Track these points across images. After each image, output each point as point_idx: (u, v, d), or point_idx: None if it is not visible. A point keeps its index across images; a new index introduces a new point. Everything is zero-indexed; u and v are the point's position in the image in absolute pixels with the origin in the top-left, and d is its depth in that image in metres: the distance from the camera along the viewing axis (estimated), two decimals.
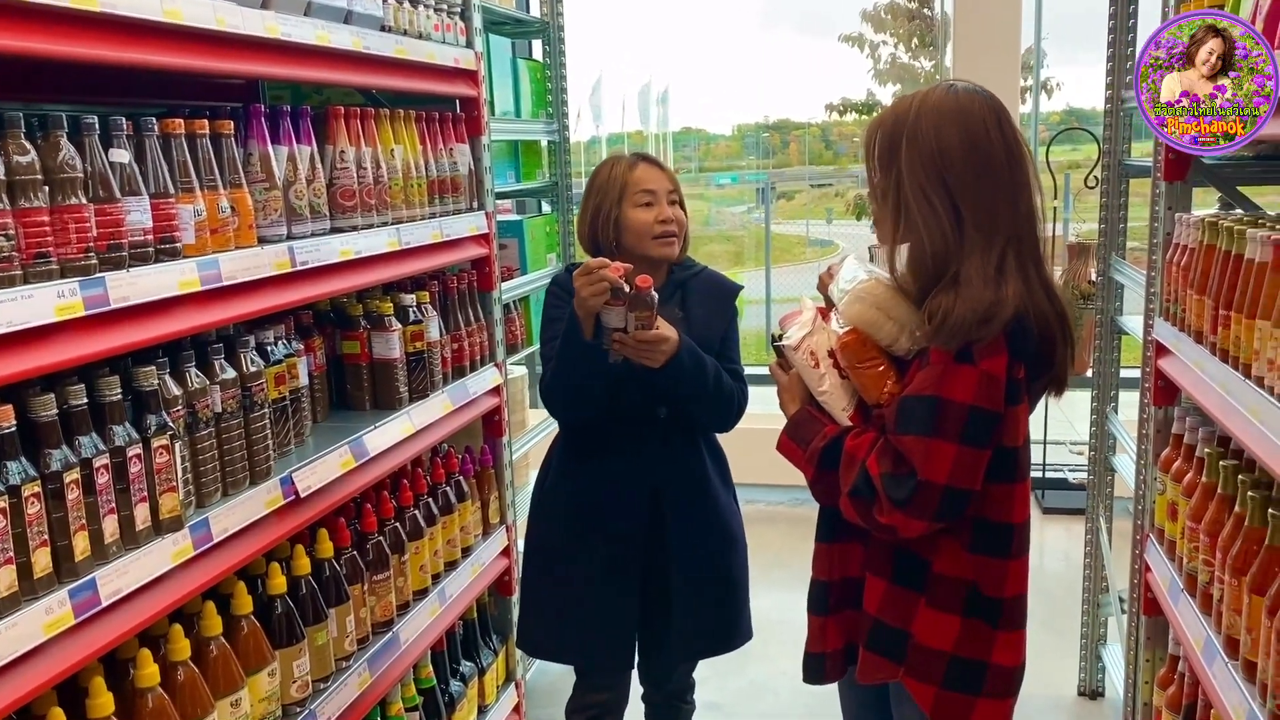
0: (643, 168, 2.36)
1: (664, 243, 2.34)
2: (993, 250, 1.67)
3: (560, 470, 2.49)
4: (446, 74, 2.66)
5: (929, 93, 1.74)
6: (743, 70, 12.60)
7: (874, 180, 1.80)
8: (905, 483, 1.65)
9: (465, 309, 2.76)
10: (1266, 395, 1.74)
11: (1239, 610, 1.92)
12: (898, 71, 11.02)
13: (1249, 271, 1.88)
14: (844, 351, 1.75)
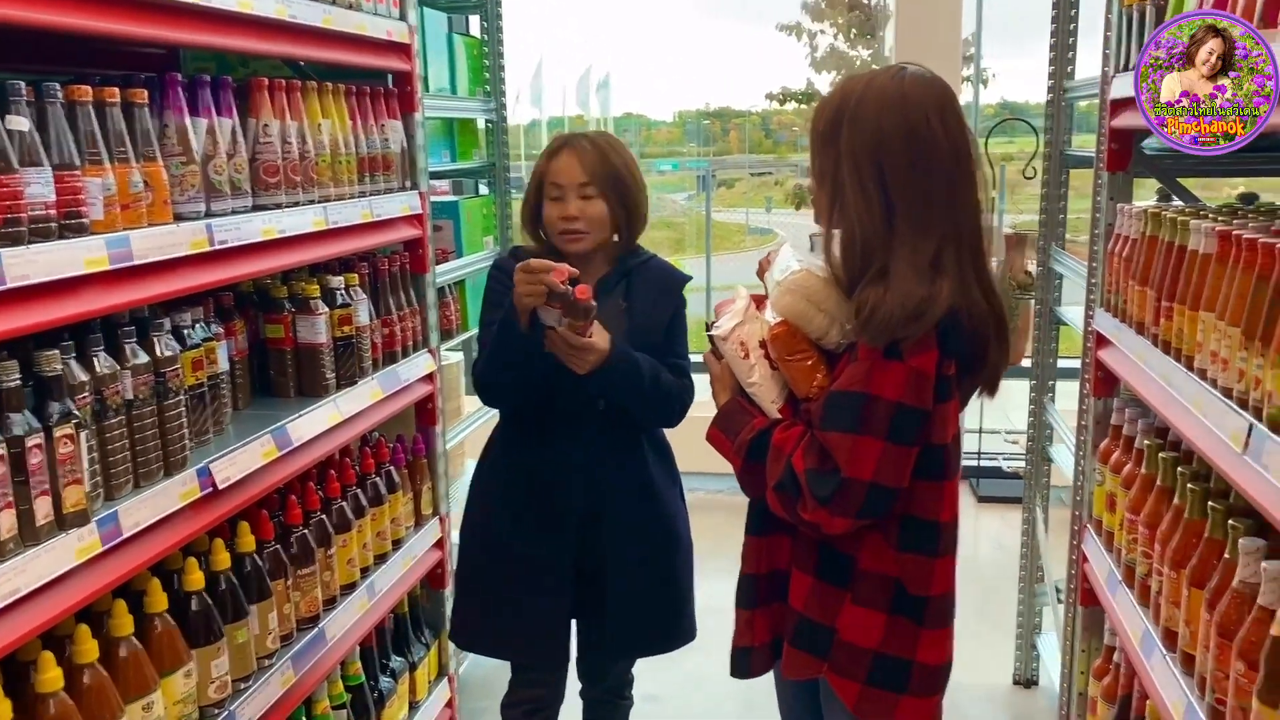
0: (559, 158, 2.28)
1: (568, 239, 2.27)
2: (927, 244, 1.63)
3: (497, 458, 2.42)
4: (378, 47, 2.55)
5: (877, 75, 1.69)
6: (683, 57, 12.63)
7: (816, 161, 1.75)
8: (829, 479, 1.61)
9: (397, 292, 2.67)
10: (1209, 388, 1.73)
11: (1178, 603, 1.92)
12: (836, 60, 11.04)
13: (1192, 263, 1.87)
14: (774, 343, 1.71)
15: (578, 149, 2.27)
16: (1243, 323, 1.59)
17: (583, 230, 2.27)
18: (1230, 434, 1.60)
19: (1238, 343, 1.61)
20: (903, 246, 1.62)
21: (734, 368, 1.77)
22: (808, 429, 1.68)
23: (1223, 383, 1.67)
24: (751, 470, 1.72)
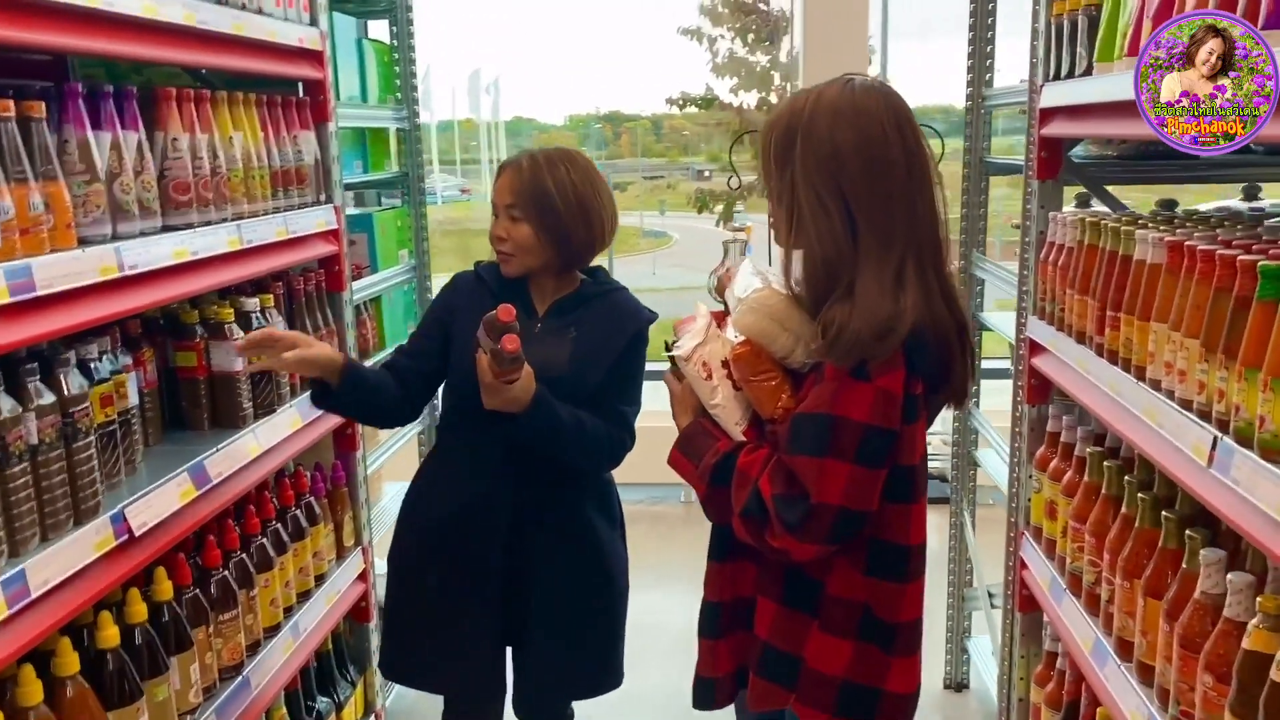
0: (502, 175, 2.21)
1: (500, 260, 2.22)
2: (890, 258, 1.58)
3: (425, 483, 2.32)
4: (289, 54, 2.41)
5: (825, 89, 1.64)
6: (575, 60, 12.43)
7: (770, 181, 1.69)
8: (797, 505, 1.55)
9: (314, 312, 2.53)
10: (1165, 400, 1.73)
11: (1132, 613, 1.92)
12: (735, 65, 11.09)
13: (1139, 273, 1.87)
14: (737, 363, 1.65)
15: (515, 167, 2.19)
16: (1202, 335, 1.59)
17: (509, 253, 2.19)
18: (1192, 446, 1.60)
19: (1197, 355, 1.61)
20: (867, 262, 1.57)
21: (696, 389, 1.70)
22: (773, 452, 1.61)
23: (1180, 394, 1.67)
24: (716, 495, 1.66)
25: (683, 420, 1.73)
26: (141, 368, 2.02)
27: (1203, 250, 1.61)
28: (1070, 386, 2.22)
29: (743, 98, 11.47)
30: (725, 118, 11.43)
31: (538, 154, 2.21)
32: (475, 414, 2.12)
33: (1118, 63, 1.96)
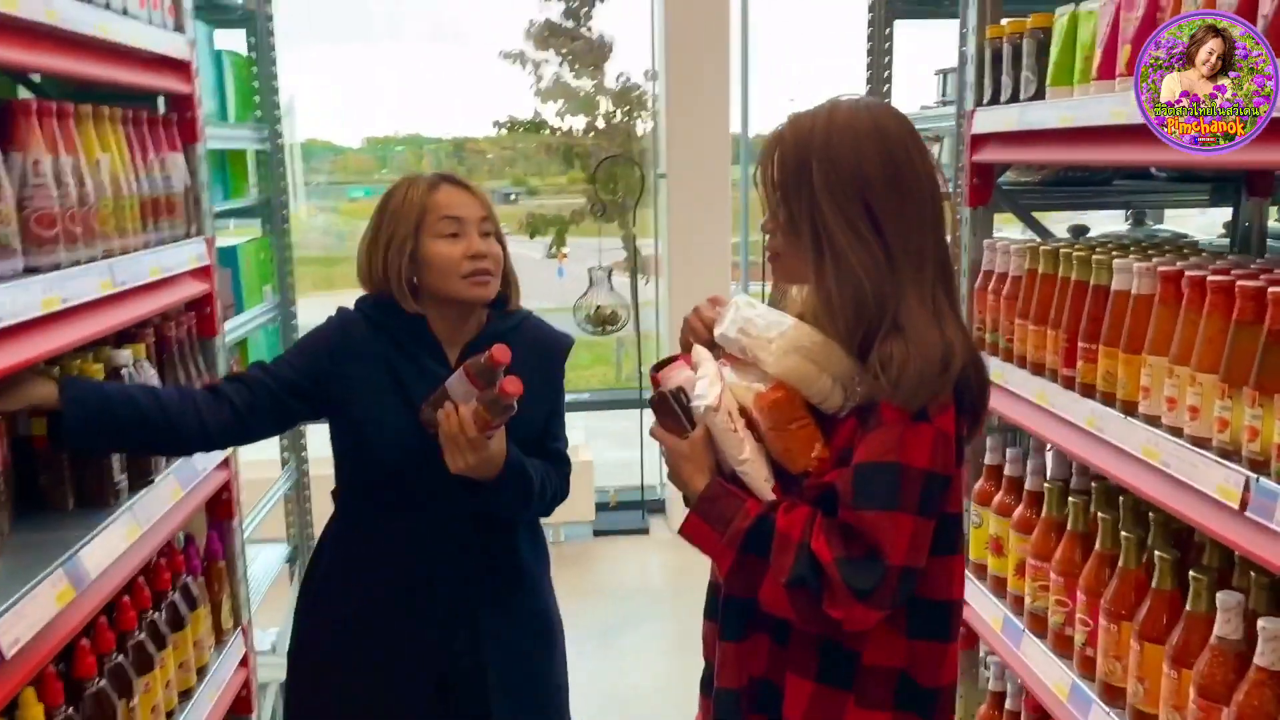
0: (446, 190, 1.93)
1: (476, 282, 1.91)
2: (925, 285, 1.45)
3: (338, 571, 2.00)
4: (154, 64, 2.07)
5: (834, 109, 1.49)
6: (372, 82, 12.01)
7: (776, 210, 1.52)
8: (870, 569, 1.38)
9: (186, 362, 2.17)
10: (1167, 435, 1.66)
11: (1121, 657, 1.84)
12: (561, 90, 11.01)
13: (1121, 304, 1.81)
14: (770, 411, 1.46)
15: (461, 184, 1.94)
16: (1223, 370, 1.52)
17: (490, 270, 1.92)
18: (1216, 488, 1.52)
19: (1215, 391, 1.54)
20: (907, 291, 1.43)
21: (722, 444, 1.50)
22: (814, 510, 1.44)
23: (1192, 432, 1.60)
24: (747, 565, 1.46)
25: (698, 480, 1.52)
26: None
27: (1218, 282, 1.55)
28: (1025, 420, 2.14)
29: (569, 122, 11.37)
30: (554, 141, 11.31)
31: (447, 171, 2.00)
32: (411, 487, 1.86)
33: (1081, 87, 1.91)
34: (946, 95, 2.95)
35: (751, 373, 1.52)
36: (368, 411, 1.91)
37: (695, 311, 1.67)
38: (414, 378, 1.92)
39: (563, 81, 11.77)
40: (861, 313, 1.44)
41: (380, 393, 1.91)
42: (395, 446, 1.87)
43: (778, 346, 1.45)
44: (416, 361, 1.94)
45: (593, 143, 11.53)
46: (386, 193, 1.96)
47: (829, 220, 1.44)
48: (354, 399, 1.91)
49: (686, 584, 4.76)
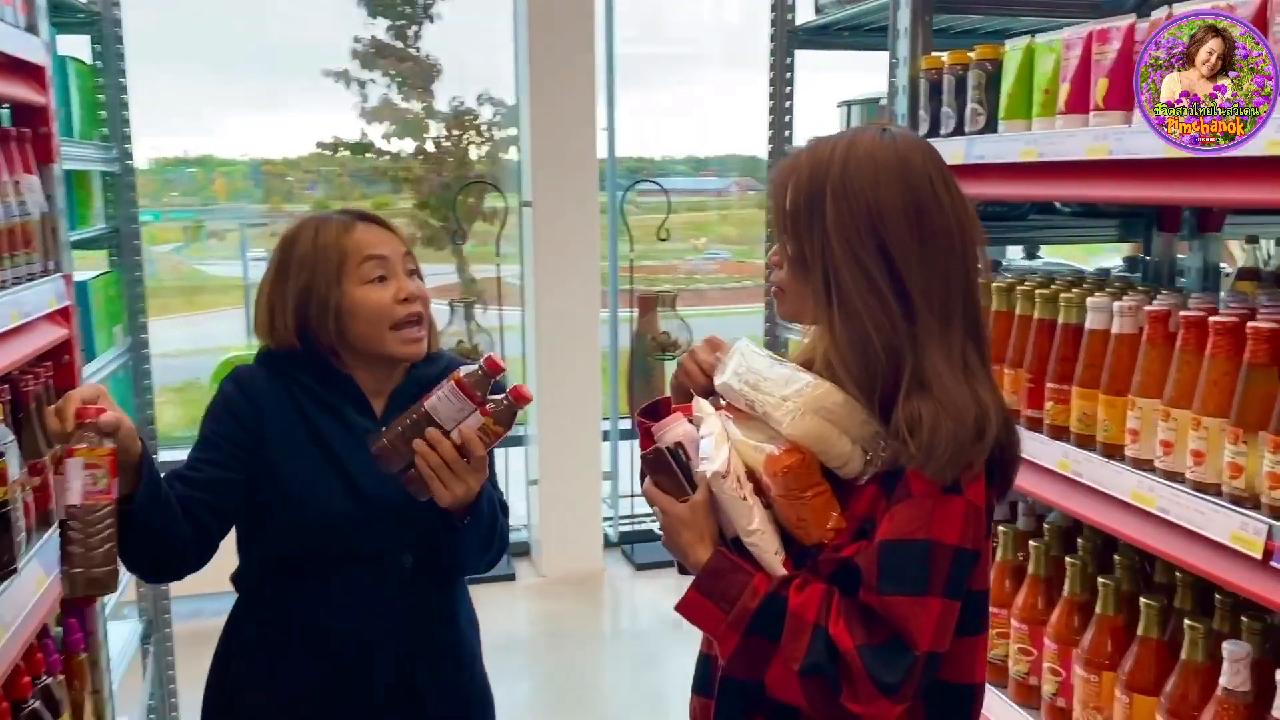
0: (362, 228, 1.69)
1: (405, 339, 1.68)
2: (953, 339, 1.32)
3: (256, 651, 1.72)
4: (5, 68, 1.75)
5: (856, 138, 1.36)
6: (163, 101, 11.03)
7: (785, 245, 1.38)
8: (897, 660, 1.23)
9: (43, 423, 1.83)
10: (1162, 480, 1.60)
11: (1101, 709, 1.78)
12: (389, 112, 10.69)
13: (1099, 344, 1.76)
14: (785, 476, 1.30)
15: (375, 220, 1.71)
16: (1234, 414, 1.47)
17: (423, 315, 1.70)
18: (1231, 535, 1.47)
19: (1224, 435, 1.49)
20: (932, 344, 1.30)
21: (731, 513, 1.32)
22: (830, 588, 1.28)
23: (1196, 478, 1.55)
24: (754, 648, 1.29)
25: (699, 551, 1.34)
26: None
27: (1222, 323, 1.50)
28: None
29: (397, 145, 10.98)
30: (380, 164, 10.92)
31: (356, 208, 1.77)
32: (343, 555, 1.61)
33: (1042, 121, 1.86)
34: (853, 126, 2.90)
35: (760, 430, 1.36)
36: (293, 475, 1.66)
37: (691, 355, 1.51)
38: (338, 432, 1.69)
39: (390, 103, 11.42)
40: (870, 366, 1.30)
41: (301, 452, 1.66)
42: (328, 512, 1.63)
43: (794, 406, 1.29)
44: (339, 415, 1.71)
45: (423, 167, 11.17)
46: (287, 237, 1.71)
47: (838, 259, 1.30)
48: (276, 463, 1.65)
49: (558, 634, 4.58)
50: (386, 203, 11.75)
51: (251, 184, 18.02)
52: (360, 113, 11.30)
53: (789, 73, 2.96)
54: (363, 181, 12.25)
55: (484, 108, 11.00)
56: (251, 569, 1.75)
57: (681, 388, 1.51)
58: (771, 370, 1.35)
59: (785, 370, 1.34)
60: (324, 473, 1.66)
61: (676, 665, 4.24)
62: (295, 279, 1.67)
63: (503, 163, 9.43)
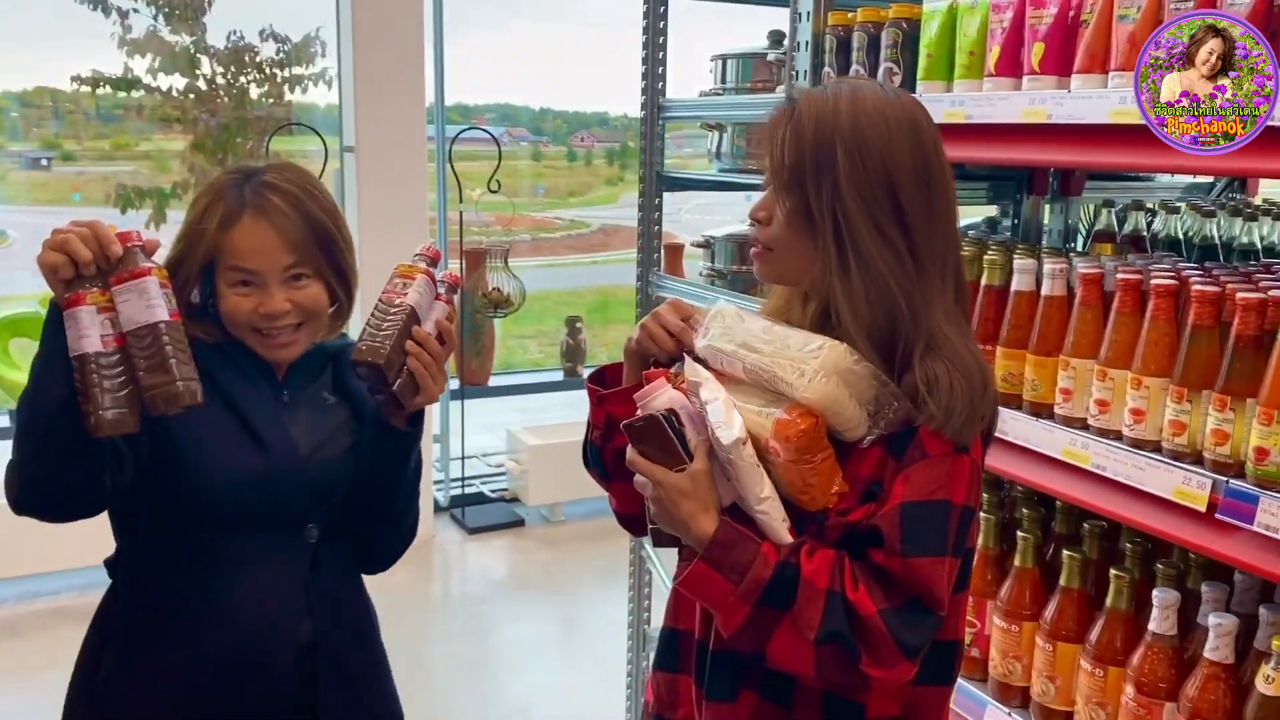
0: (245, 228, 1.50)
1: (270, 343, 1.55)
2: (948, 298, 1.33)
3: (136, 645, 1.55)
4: None
5: (857, 91, 1.31)
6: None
7: (782, 201, 1.32)
8: (921, 621, 1.24)
9: None
10: (1095, 437, 1.66)
11: (1020, 657, 1.85)
12: (155, 44, 9.81)
13: (1026, 305, 1.80)
14: (797, 441, 1.25)
15: (269, 212, 1.50)
16: (1177, 374, 1.54)
17: (297, 323, 1.54)
18: (1174, 491, 1.54)
19: (1166, 394, 1.55)
20: (936, 304, 1.30)
21: (744, 480, 1.26)
22: (840, 553, 1.26)
23: (1134, 435, 1.61)
24: (764, 619, 1.24)
25: (704, 522, 1.27)
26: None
27: (1162, 286, 1.56)
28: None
29: (166, 80, 10.16)
30: (147, 102, 10.06)
31: (275, 179, 1.54)
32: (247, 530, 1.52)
33: (966, 83, 1.87)
34: (728, 81, 2.86)
35: (755, 394, 1.31)
36: (191, 430, 1.49)
37: (656, 319, 1.42)
38: (243, 388, 1.56)
39: (157, 33, 10.50)
40: (897, 327, 1.29)
41: (207, 409, 1.47)
42: (233, 470, 1.50)
43: (814, 367, 1.25)
44: (243, 374, 1.57)
45: (197, 106, 10.38)
46: (200, 192, 1.55)
47: (853, 217, 1.27)
48: (174, 424, 1.45)
49: (388, 604, 4.41)
50: (155, 144, 10.83)
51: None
52: (120, 43, 10.31)
53: (662, 21, 2.88)
54: (106, 121, 11.23)
55: (266, 44, 10.27)
56: (134, 554, 1.58)
57: (641, 353, 1.43)
58: (773, 332, 1.30)
59: (792, 332, 1.29)
60: (228, 428, 1.52)
61: (509, 632, 4.18)
62: (179, 244, 1.53)
63: (292, 105, 8.87)
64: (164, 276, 1.36)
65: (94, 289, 1.31)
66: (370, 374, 1.46)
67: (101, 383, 1.30)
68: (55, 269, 1.31)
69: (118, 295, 1.32)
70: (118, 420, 1.32)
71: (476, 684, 3.74)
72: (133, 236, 1.34)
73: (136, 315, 1.32)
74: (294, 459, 1.55)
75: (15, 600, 3.96)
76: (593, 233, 17.68)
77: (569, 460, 4.95)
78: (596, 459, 1.49)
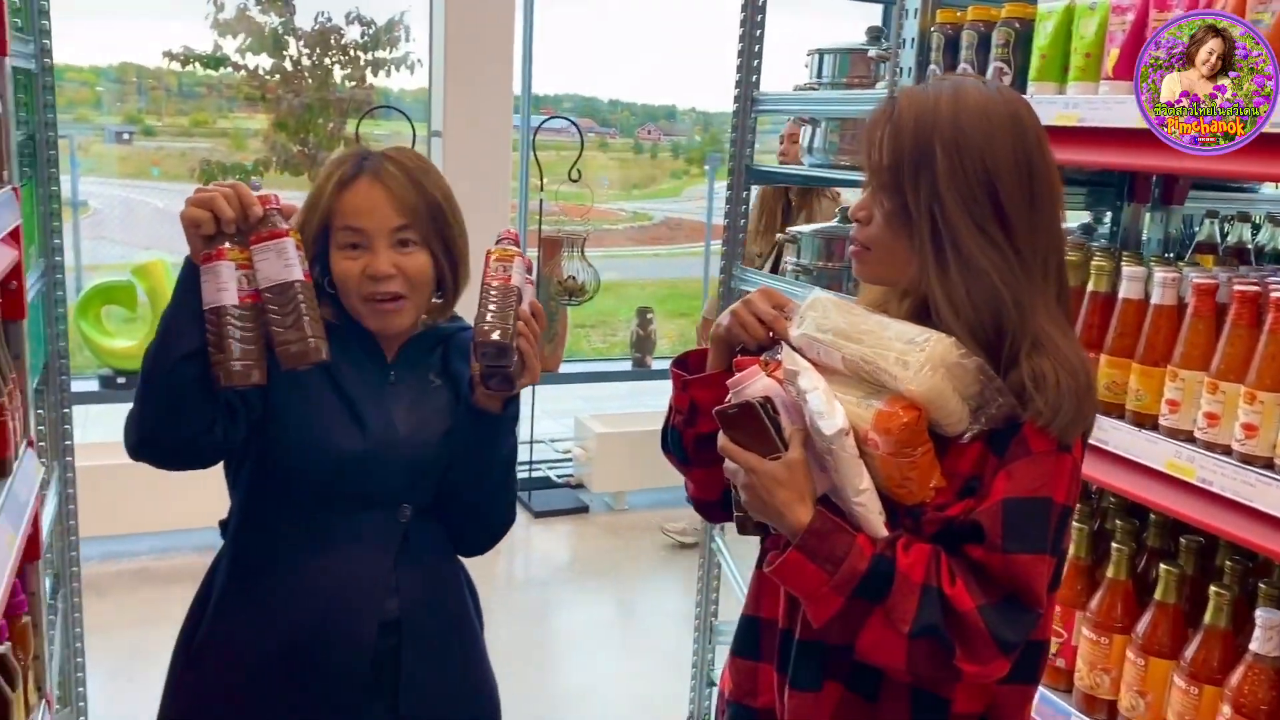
0: (358, 191, 1.54)
1: (376, 310, 1.57)
2: (1050, 296, 1.33)
3: (231, 603, 1.60)
4: None
5: (960, 90, 1.31)
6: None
7: (881, 200, 1.32)
8: (1020, 619, 1.24)
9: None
10: (1205, 452, 1.63)
11: (1109, 669, 1.82)
12: (244, 24, 9.96)
13: (1133, 312, 1.77)
14: (899, 434, 1.24)
15: (384, 176, 1.54)
16: None
17: (401, 294, 1.56)
18: None
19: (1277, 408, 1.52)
20: (1039, 302, 1.30)
21: (841, 473, 1.26)
22: (936, 548, 1.25)
23: (1245, 451, 1.57)
24: (857, 610, 1.24)
25: (800, 512, 1.27)
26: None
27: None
28: None
29: (255, 60, 10.31)
30: (235, 80, 10.22)
31: (395, 153, 1.61)
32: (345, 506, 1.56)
33: (1080, 85, 1.84)
34: (824, 76, 2.85)
35: (852, 385, 1.30)
36: (303, 416, 1.55)
37: (747, 305, 1.42)
38: (353, 372, 1.59)
39: (247, 14, 10.66)
40: (1001, 325, 1.28)
41: (310, 384, 1.53)
42: (334, 459, 1.54)
43: (921, 359, 1.25)
44: (354, 354, 1.60)
45: (282, 86, 10.54)
46: (320, 173, 1.59)
47: (952, 215, 1.27)
48: (280, 389, 1.51)
49: None
50: (233, 122, 11.01)
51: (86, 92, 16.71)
52: (213, 23, 10.53)
53: (760, 14, 2.87)
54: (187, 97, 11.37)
55: (351, 27, 10.43)
56: (246, 519, 1.62)
57: (730, 340, 1.43)
58: (872, 322, 1.30)
59: (892, 323, 1.29)
60: (332, 408, 1.56)
61: (570, 617, 4.21)
62: (302, 213, 1.56)
63: (373, 88, 8.99)
64: (299, 240, 1.41)
65: (234, 246, 1.36)
66: (496, 354, 1.48)
67: (235, 334, 1.35)
68: (199, 224, 1.36)
69: (256, 254, 1.37)
70: (245, 371, 1.36)
71: (537, 666, 3.77)
72: (272, 199, 1.39)
73: (274, 273, 1.37)
74: (392, 440, 1.58)
75: (99, 559, 4.07)
76: (656, 225, 17.68)
77: (635, 449, 5.05)
78: (677, 444, 1.50)
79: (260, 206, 1.38)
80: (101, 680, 3.15)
